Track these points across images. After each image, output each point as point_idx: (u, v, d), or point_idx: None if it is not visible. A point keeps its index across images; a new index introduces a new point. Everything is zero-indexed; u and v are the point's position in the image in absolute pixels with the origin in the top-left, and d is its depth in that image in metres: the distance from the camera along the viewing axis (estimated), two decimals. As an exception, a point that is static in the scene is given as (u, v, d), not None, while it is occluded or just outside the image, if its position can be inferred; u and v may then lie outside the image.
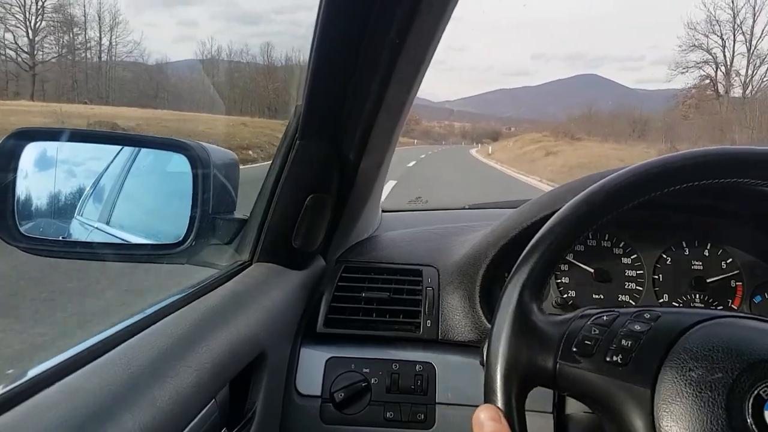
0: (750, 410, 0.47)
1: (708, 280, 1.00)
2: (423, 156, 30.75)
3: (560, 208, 0.64)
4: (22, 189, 0.84)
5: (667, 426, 0.48)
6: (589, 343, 0.56)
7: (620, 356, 0.54)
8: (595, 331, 0.57)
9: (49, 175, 0.91)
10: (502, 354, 0.56)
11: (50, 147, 0.89)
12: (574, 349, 0.56)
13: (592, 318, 0.59)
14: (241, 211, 0.98)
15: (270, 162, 0.94)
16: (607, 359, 0.54)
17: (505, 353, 0.56)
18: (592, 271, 1.04)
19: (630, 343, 0.55)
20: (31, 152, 0.83)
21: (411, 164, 21.24)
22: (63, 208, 0.94)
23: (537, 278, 0.60)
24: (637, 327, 0.56)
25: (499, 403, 0.54)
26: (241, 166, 1.02)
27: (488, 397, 0.55)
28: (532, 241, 0.63)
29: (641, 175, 0.62)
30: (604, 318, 0.59)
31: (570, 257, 1.05)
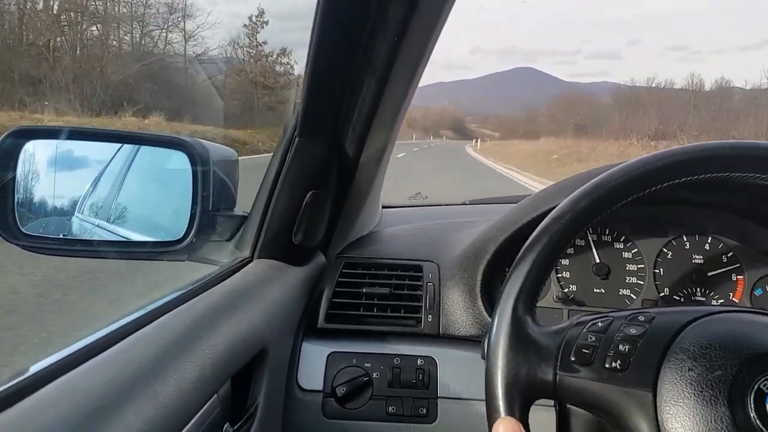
0: (752, 405, 0.47)
1: (709, 274, 1.00)
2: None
3: (560, 203, 0.64)
4: (21, 187, 0.84)
5: (672, 428, 0.48)
6: (586, 351, 0.56)
7: (619, 362, 0.54)
8: (591, 338, 0.57)
9: (49, 173, 0.91)
10: (501, 370, 0.56)
11: (50, 145, 0.89)
12: (573, 359, 0.56)
13: (587, 325, 0.59)
14: (242, 208, 0.98)
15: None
16: (606, 366, 0.54)
17: (504, 370, 0.56)
18: (592, 265, 1.04)
19: (627, 347, 0.55)
20: (30, 150, 0.83)
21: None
22: (63, 206, 0.95)
23: (529, 289, 0.61)
24: (633, 330, 0.56)
25: None
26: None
27: (491, 415, 0.55)
28: (522, 250, 0.63)
29: (630, 174, 0.62)
30: (599, 324, 0.59)
31: (570, 252, 1.05)
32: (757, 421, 0.46)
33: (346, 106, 0.82)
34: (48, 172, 0.91)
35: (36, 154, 0.85)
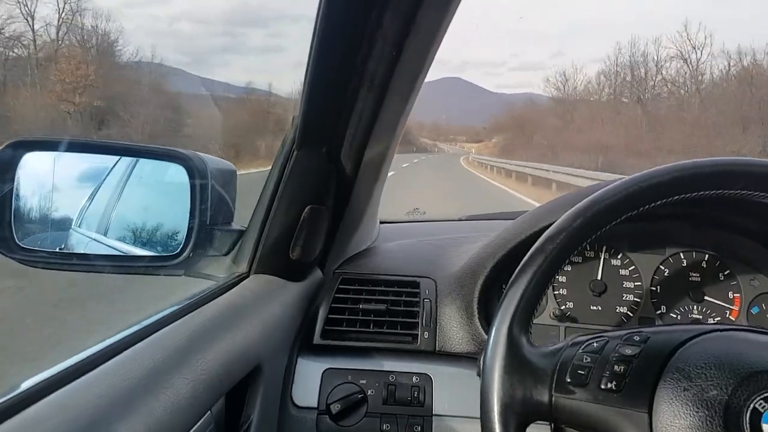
0: (748, 425, 0.47)
1: (705, 292, 1.00)
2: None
3: (556, 221, 0.64)
4: (19, 200, 0.84)
5: None
6: (582, 372, 0.56)
7: (614, 383, 0.54)
8: (586, 359, 0.57)
9: (47, 185, 0.91)
10: (496, 393, 0.56)
11: (48, 157, 0.89)
12: (568, 380, 0.56)
13: (583, 346, 0.59)
14: (239, 222, 0.97)
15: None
16: (602, 387, 0.54)
17: (500, 392, 0.56)
18: (589, 282, 1.03)
19: (622, 368, 0.55)
20: (28, 162, 0.83)
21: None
22: (60, 219, 0.94)
23: (524, 310, 0.61)
24: (628, 351, 0.56)
25: None
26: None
27: None
28: (516, 270, 0.63)
29: (630, 190, 0.62)
30: (595, 345, 0.59)
31: (567, 269, 1.05)
32: None
33: (344, 120, 0.82)
34: (46, 184, 0.90)
35: (34, 166, 0.85)
